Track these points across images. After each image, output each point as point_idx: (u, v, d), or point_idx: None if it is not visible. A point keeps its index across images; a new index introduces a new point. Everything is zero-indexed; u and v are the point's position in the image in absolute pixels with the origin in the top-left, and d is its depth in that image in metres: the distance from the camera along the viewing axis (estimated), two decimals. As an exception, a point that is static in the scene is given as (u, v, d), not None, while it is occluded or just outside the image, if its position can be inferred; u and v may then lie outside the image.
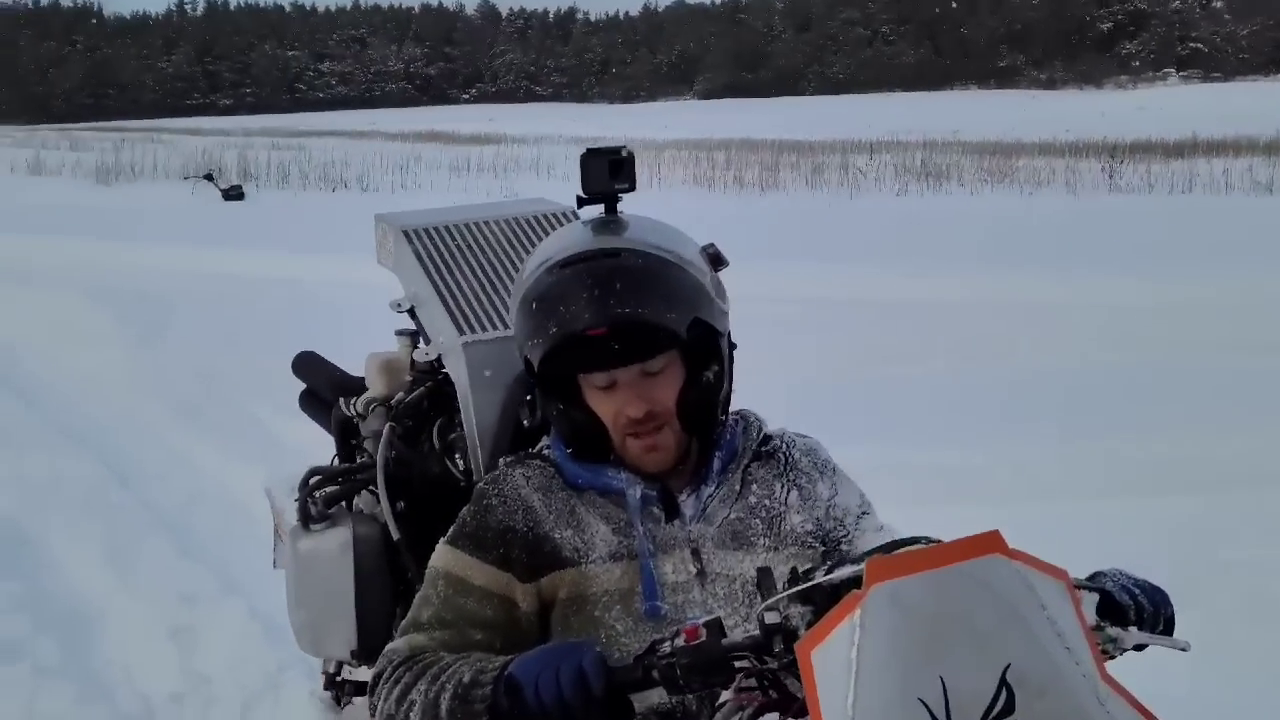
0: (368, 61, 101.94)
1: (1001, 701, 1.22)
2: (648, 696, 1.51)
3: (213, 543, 4.41)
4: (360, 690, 2.22)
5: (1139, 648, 1.48)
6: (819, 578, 1.39)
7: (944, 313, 7.61)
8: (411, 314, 2.26)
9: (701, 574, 1.71)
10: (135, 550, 4.31)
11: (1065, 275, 8.81)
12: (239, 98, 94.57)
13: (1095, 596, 1.46)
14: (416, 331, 2.30)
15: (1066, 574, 1.34)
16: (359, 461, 2.31)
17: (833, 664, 1.21)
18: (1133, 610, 1.49)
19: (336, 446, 2.43)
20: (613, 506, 1.75)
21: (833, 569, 1.37)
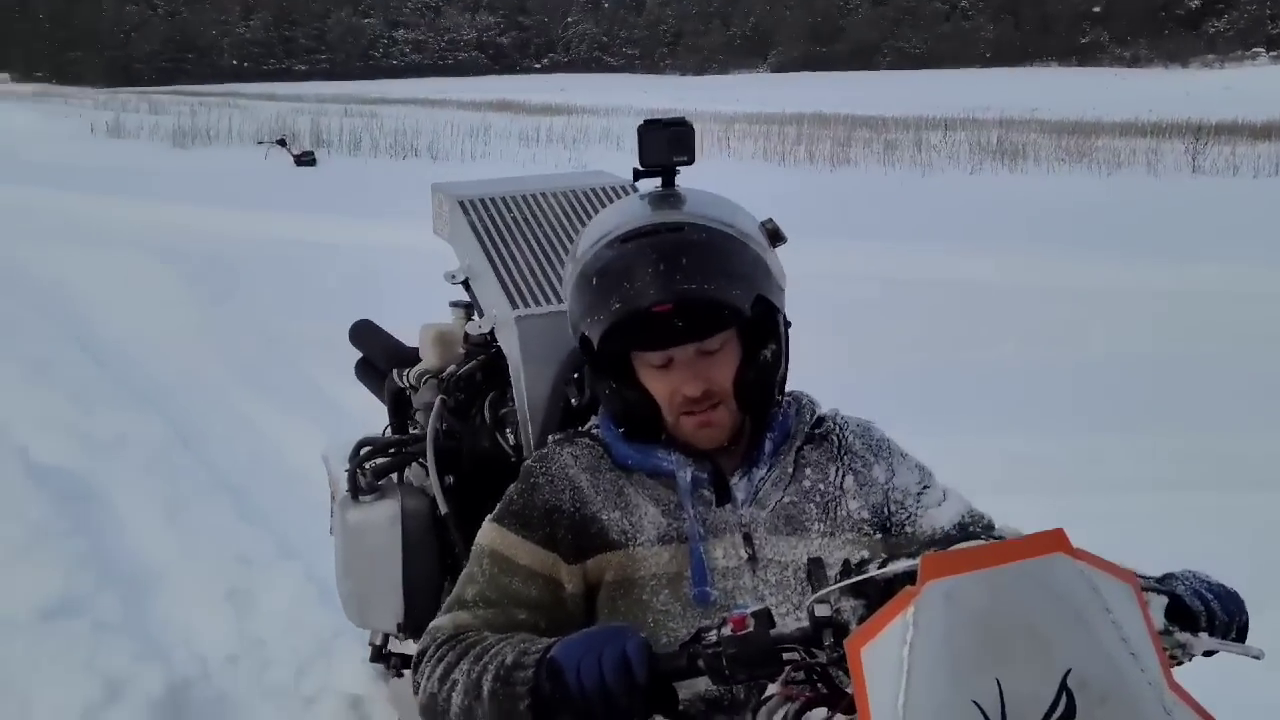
0: (441, 29, 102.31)
1: (1061, 707, 1.17)
2: (693, 684, 1.47)
3: (271, 506, 4.45)
4: (407, 663, 2.21)
5: (1208, 654, 1.41)
6: (872, 570, 1.33)
7: (1016, 296, 7.44)
8: (466, 286, 2.23)
9: (753, 559, 1.66)
10: (196, 511, 4.36)
11: (1143, 259, 8.58)
12: (314, 64, 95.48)
13: (1164, 600, 1.39)
14: (470, 304, 2.28)
15: (1134, 576, 1.28)
16: (410, 433, 2.29)
17: (883, 662, 1.16)
18: (1204, 615, 1.42)
19: (389, 417, 2.42)
20: (662, 488, 1.71)
21: (886, 562, 1.32)
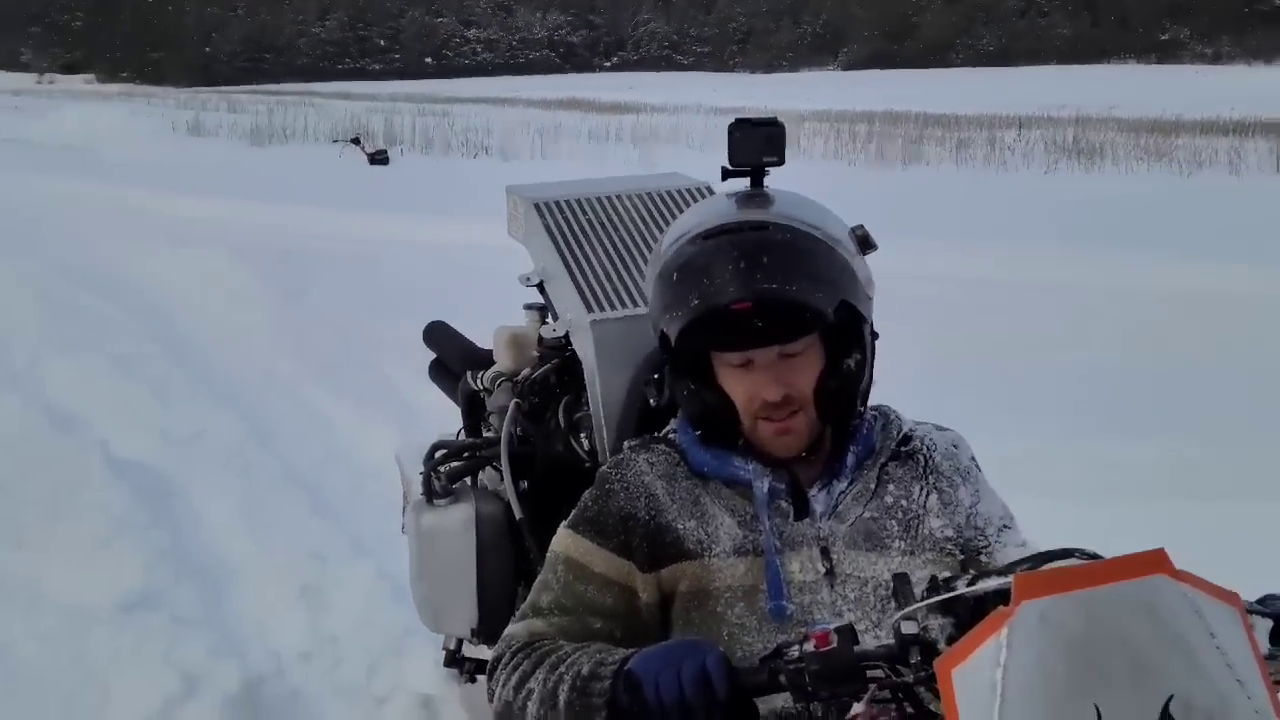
0: (512, 29, 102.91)
1: (1163, 735, 1.12)
2: (770, 700, 1.44)
3: (344, 504, 4.49)
4: (481, 668, 2.20)
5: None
6: (961, 588, 1.30)
7: (1093, 297, 7.30)
8: (540, 289, 2.22)
9: (830, 574, 1.62)
10: (271, 507, 4.41)
11: (1225, 262, 8.36)
12: (388, 63, 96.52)
13: (1269, 623, 1.33)
14: (544, 306, 2.26)
15: (1239, 598, 1.23)
16: (484, 437, 2.28)
17: (976, 684, 1.12)
18: (1309, 639, 1.36)
19: (462, 419, 2.41)
20: (739, 499, 1.67)
21: (976, 579, 1.28)
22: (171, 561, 3.92)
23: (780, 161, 1.69)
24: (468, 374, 2.35)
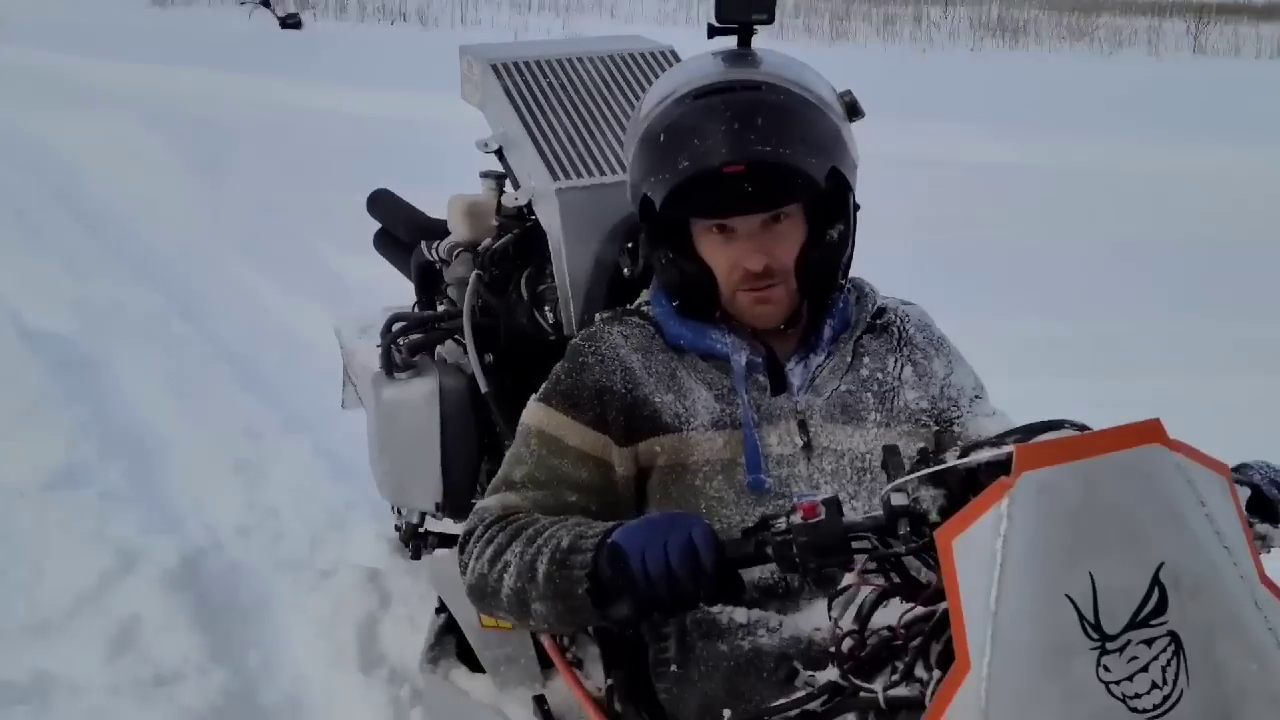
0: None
1: (1153, 602, 1.14)
2: (748, 571, 1.44)
3: (275, 378, 4.39)
4: (443, 542, 2.18)
5: (1289, 545, 1.39)
6: (951, 460, 1.29)
7: (1023, 176, 7.32)
8: (499, 155, 2.13)
9: (808, 447, 1.61)
10: (198, 382, 4.30)
11: (1148, 140, 8.45)
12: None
13: (1246, 491, 1.36)
14: (502, 174, 2.18)
15: (1227, 468, 1.24)
16: (443, 309, 2.22)
17: (975, 554, 1.12)
18: (1282, 505, 1.39)
19: (415, 292, 2.34)
20: (716, 372, 1.65)
21: (968, 451, 1.27)
22: (95, 437, 3.81)
23: (770, 19, 1.63)
24: (421, 244, 2.27)
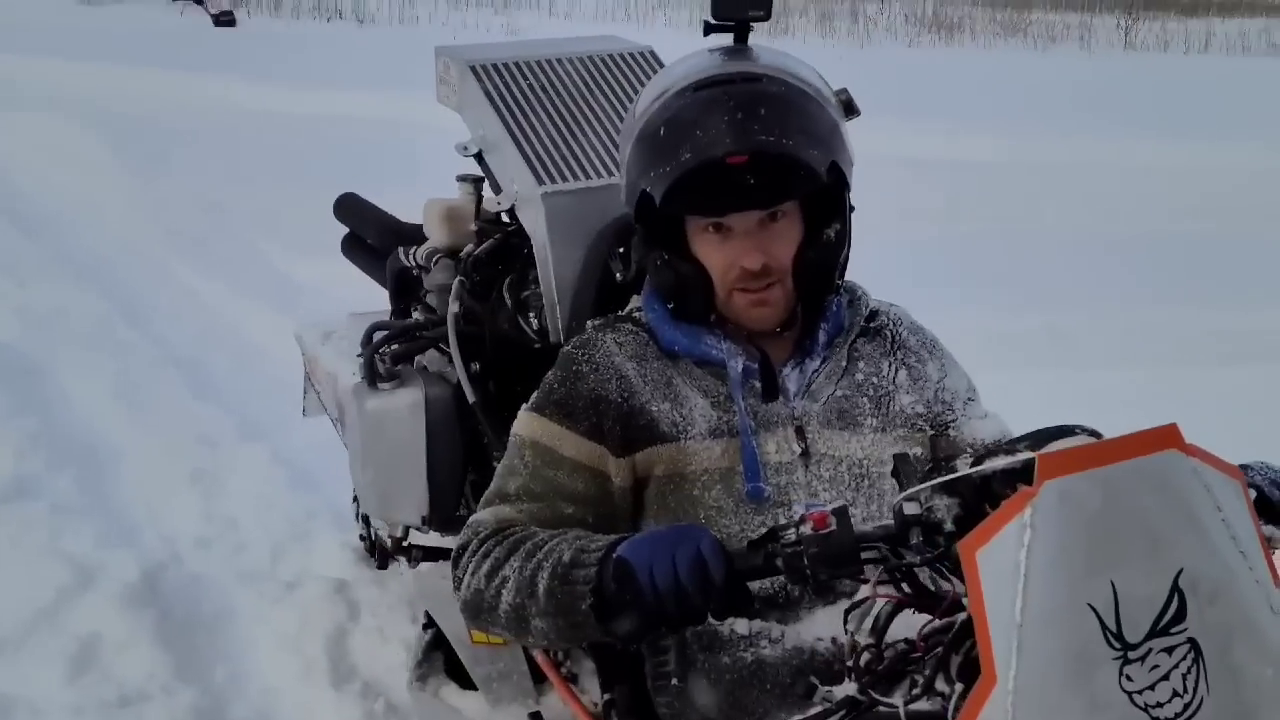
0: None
1: (1173, 609, 1.14)
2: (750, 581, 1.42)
3: (228, 384, 4.31)
4: (430, 555, 2.14)
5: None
6: (964, 468, 1.28)
7: (969, 171, 7.38)
8: (478, 159, 2.09)
9: (806, 454, 1.60)
10: (148, 389, 4.21)
11: (1088, 134, 8.55)
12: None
13: (1251, 493, 1.36)
14: (480, 178, 2.14)
15: (1241, 473, 1.24)
16: (425, 317, 2.17)
17: (999, 565, 1.11)
18: (1285, 506, 1.39)
19: (391, 299, 2.29)
20: (711, 379, 1.63)
21: (981, 459, 1.26)
22: (44, 447, 3.72)
23: (766, 15, 1.61)
24: (399, 250, 2.22)
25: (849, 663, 1.27)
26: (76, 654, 2.69)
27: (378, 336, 2.07)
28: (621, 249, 1.82)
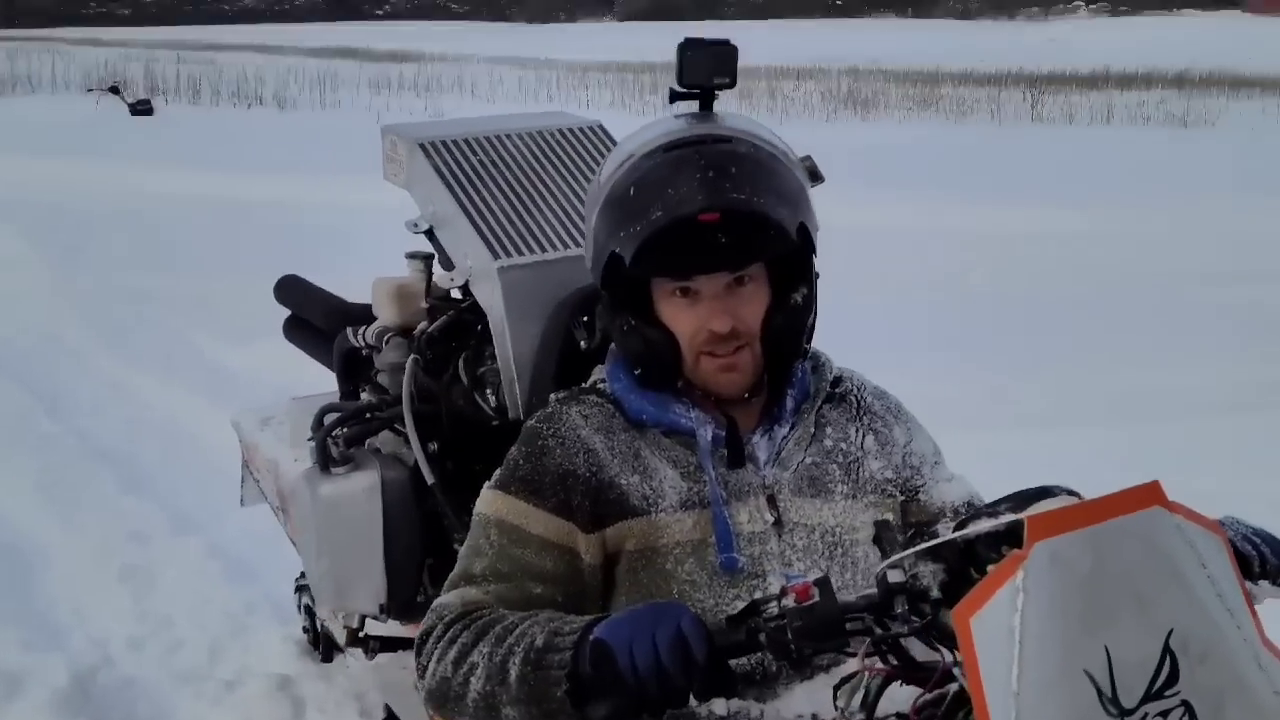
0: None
1: (1165, 671, 1.12)
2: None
3: (158, 476, 4.18)
4: (388, 646, 2.06)
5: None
6: (947, 533, 1.26)
7: (889, 239, 7.53)
8: (429, 235, 2.06)
9: (779, 523, 1.56)
10: (73, 484, 4.08)
11: (1003, 204, 8.78)
12: (139, 7, 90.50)
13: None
14: (430, 255, 2.11)
15: (1222, 528, 1.24)
16: (379, 398, 2.11)
17: (993, 631, 1.09)
18: (1257, 561, 1.39)
19: (339, 381, 2.23)
20: (680, 449, 1.59)
21: (964, 523, 1.24)
22: (-39, 549, 3.56)
23: (732, 83, 1.61)
24: (347, 330, 2.17)
25: (840, 740, 1.23)
26: (5, 767, 2.55)
27: (329, 419, 2.01)
28: (585, 318, 1.79)
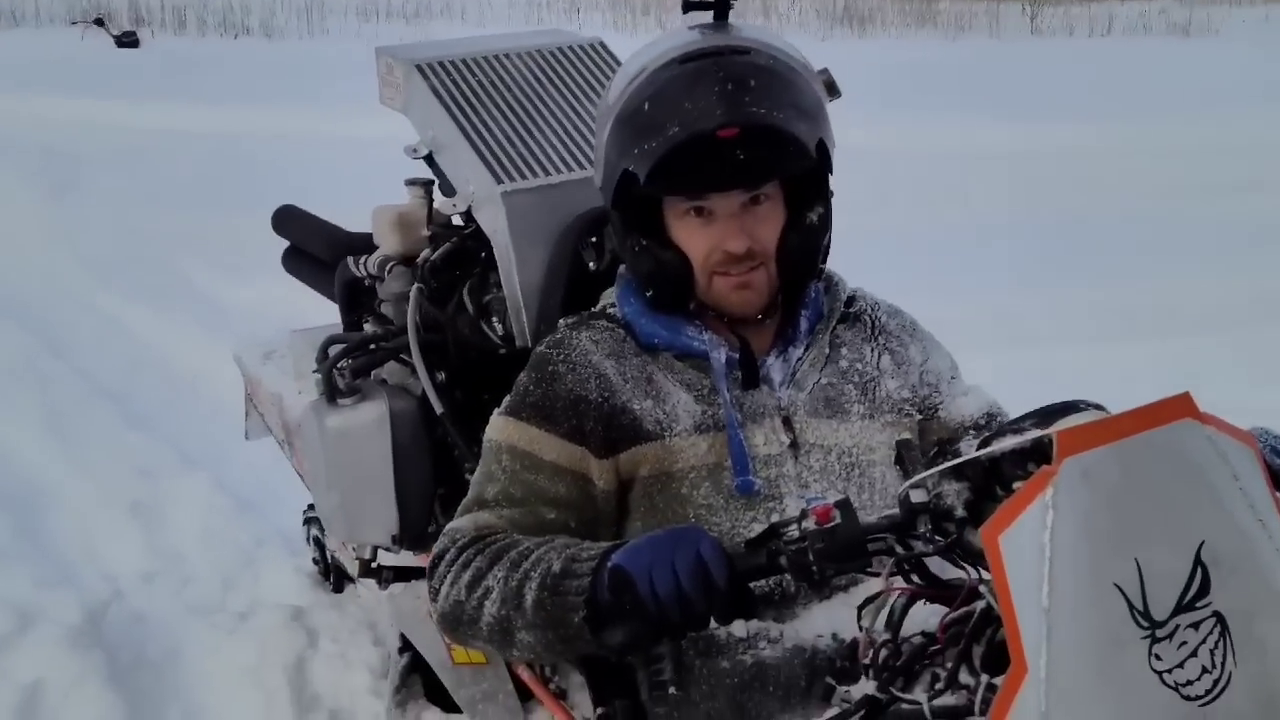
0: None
1: (1197, 582, 1.11)
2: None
3: (161, 413, 4.17)
4: (401, 576, 2.05)
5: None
6: (970, 451, 1.24)
7: (893, 161, 7.43)
8: (429, 161, 2.01)
9: (794, 445, 1.54)
10: (79, 422, 4.06)
11: (1004, 119, 8.66)
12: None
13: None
14: (430, 181, 2.06)
15: (1254, 439, 1.21)
16: (384, 328, 2.08)
17: (1023, 549, 1.07)
18: (1284, 472, 1.37)
19: (341, 312, 2.20)
20: (693, 372, 1.57)
21: (989, 440, 1.22)
22: (-29, 489, 3.55)
23: None
24: (348, 260, 2.13)
25: (865, 660, 1.22)
26: (20, 704, 2.55)
27: (334, 350, 1.98)
28: (594, 239, 1.75)
